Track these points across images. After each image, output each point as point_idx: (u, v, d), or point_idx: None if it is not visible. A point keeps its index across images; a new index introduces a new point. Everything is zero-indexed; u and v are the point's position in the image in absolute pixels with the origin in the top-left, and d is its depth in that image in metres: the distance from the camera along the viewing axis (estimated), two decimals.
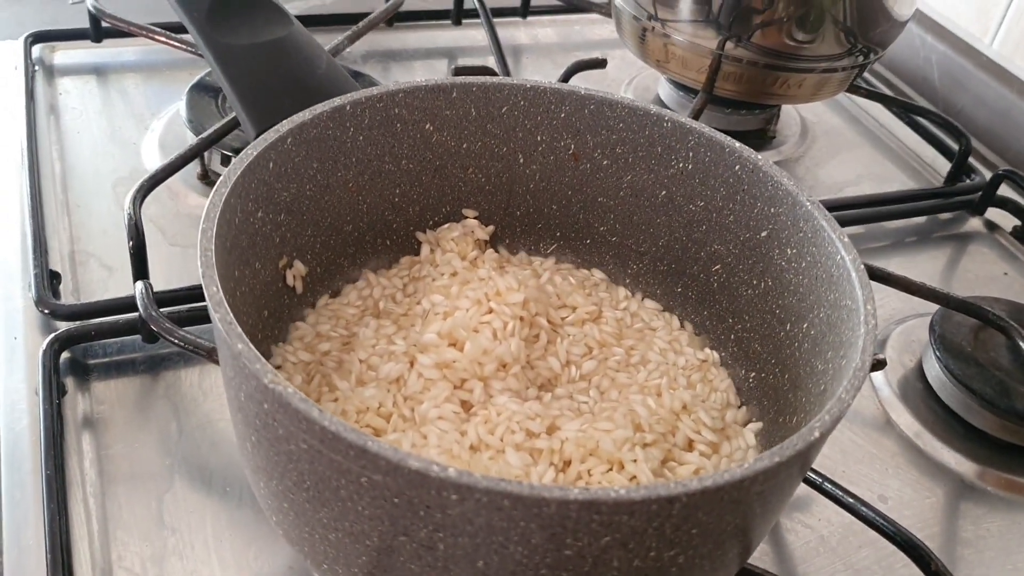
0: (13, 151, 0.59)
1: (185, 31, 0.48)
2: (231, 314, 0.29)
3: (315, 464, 0.28)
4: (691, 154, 0.42)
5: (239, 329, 0.28)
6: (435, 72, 0.76)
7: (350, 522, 0.28)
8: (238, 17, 0.41)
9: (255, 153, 0.35)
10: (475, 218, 0.46)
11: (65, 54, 0.69)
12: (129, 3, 0.71)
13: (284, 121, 0.37)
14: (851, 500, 0.44)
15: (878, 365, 0.47)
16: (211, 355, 0.42)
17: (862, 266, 0.35)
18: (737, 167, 0.40)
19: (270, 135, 0.36)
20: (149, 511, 0.42)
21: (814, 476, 0.45)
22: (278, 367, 0.39)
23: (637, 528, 0.27)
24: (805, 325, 0.38)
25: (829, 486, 0.45)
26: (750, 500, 0.28)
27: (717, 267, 0.43)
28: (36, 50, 0.68)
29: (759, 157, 0.40)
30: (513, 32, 0.81)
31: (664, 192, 0.43)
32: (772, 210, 0.39)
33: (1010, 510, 0.49)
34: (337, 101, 0.39)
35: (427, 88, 0.41)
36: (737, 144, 0.40)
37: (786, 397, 0.38)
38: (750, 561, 0.39)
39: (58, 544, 0.39)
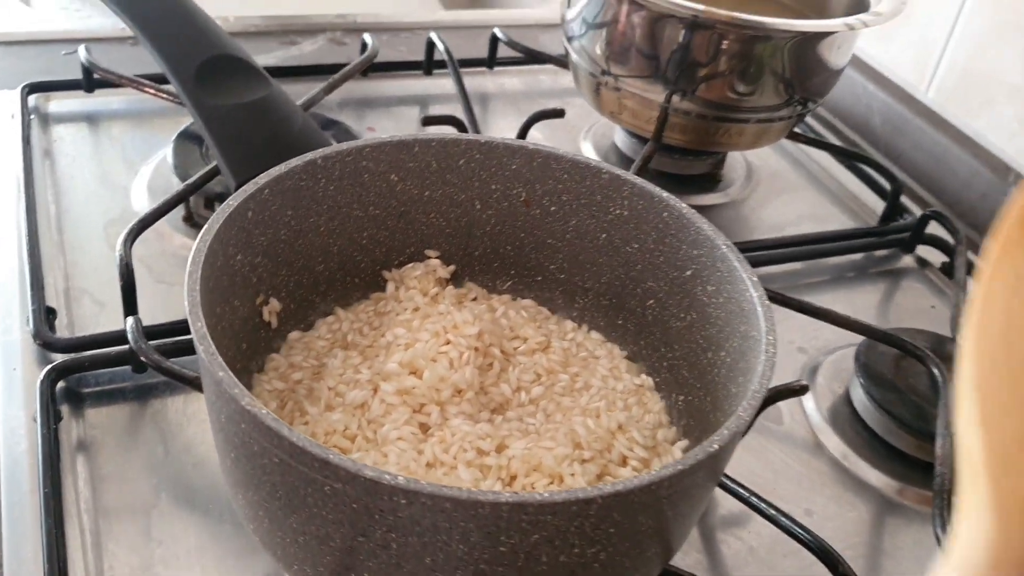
0: (11, 194, 0.63)
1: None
2: (213, 346, 0.33)
3: (285, 476, 0.32)
4: (626, 202, 0.47)
5: (220, 359, 0.33)
6: (407, 119, 0.81)
7: (316, 526, 0.33)
8: (222, 80, 0.46)
9: (236, 203, 0.40)
10: (437, 258, 0.51)
11: (59, 103, 0.74)
12: (119, 56, 0.76)
13: (262, 174, 0.42)
14: (775, 513, 0.49)
15: (802, 390, 0.52)
16: (194, 384, 0.47)
17: (767, 301, 0.40)
18: (665, 213, 0.45)
19: (249, 187, 0.41)
20: (138, 526, 0.46)
21: (745, 493, 0.50)
22: (256, 394, 0.44)
23: (561, 527, 0.31)
24: (723, 353, 0.43)
25: (756, 501, 0.49)
26: (660, 503, 0.33)
27: (651, 302, 0.48)
28: (32, 99, 0.73)
29: (683, 205, 0.45)
30: (481, 81, 0.87)
31: (604, 235, 0.48)
32: (695, 252, 0.44)
33: (925, 523, 0.53)
34: (310, 156, 0.44)
35: (392, 143, 0.46)
36: (665, 193, 0.46)
37: (708, 418, 0.43)
38: (685, 568, 0.44)
39: (55, 556, 0.43)
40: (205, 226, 0.39)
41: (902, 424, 0.56)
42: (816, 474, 0.56)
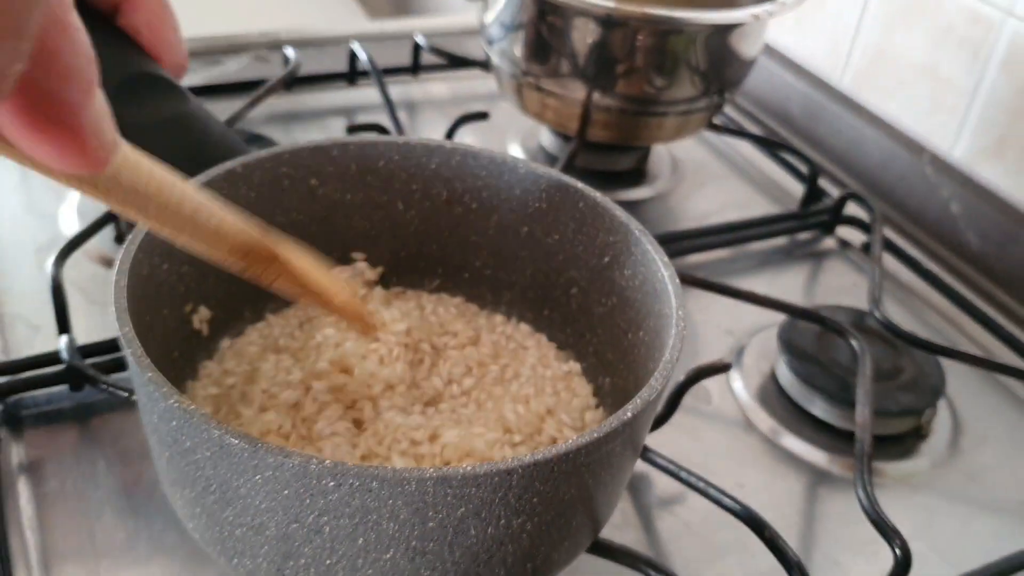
0: None
1: None
2: (141, 348, 0.34)
3: (217, 468, 0.33)
4: (544, 195, 0.48)
5: (149, 360, 0.34)
6: (333, 130, 0.82)
7: (251, 516, 0.34)
8: (143, 98, 0.47)
9: None
10: (363, 261, 0.52)
11: None
12: None
13: None
14: (707, 487, 0.50)
15: (725, 368, 0.54)
16: (131, 395, 0.48)
17: (677, 280, 0.41)
18: (581, 203, 0.47)
19: None
20: (82, 539, 0.47)
21: (677, 470, 0.51)
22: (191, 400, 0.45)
23: (485, 499, 0.33)
24: (641, 333, 0.44)
25: (689, 477, 0.51)
26: (580, 471, 0.34)
27: (574, 290, 0.49)
28: None
29: (598, 194, 0.47)
30: (406, 89, 0.88)
31: (526, 228, 0.50)
32: (611, 238, 0.46)
33: (849, 488, 0.55)
34: (229, 164, 0.45)
35: (309, 148, 0.47)
36: (580, 184, 0.47)
37: (632, 396, 0.45)
38: (621, 542, 0.45)
39: (2, 573, 0.44)
40: (129, 236, 0.39)
41: (825, 395, 0.58)
42: (747, 449, 0.58)
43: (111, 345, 0.55)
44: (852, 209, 0.78)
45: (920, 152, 0.82)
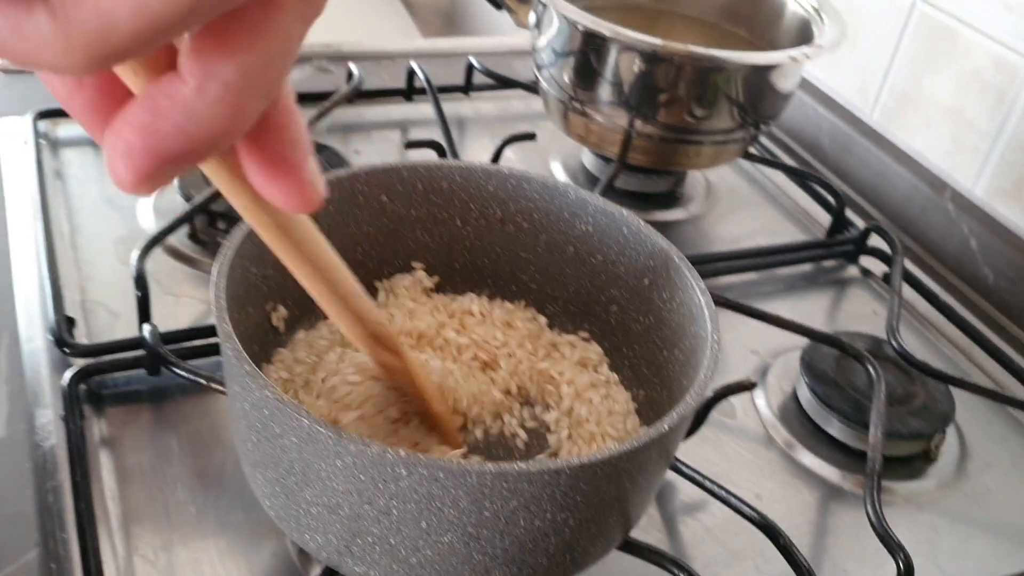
0: (28, 214, 0.69)
1: None
2: (239, 344, 0.39)
3: (302, 453, 0.38)
4: (591, 219, 0.53)
5: (246, 355, 0.39)
6: (390, 142, 0.87)
7: (327, 497, 0.39)
8: None
9: None
10: (423, 269, 0.57)
11: (66, 128, 0.79)
12: None
13: None
14: (728, 495, 0.55)
15: (750, 386, 0.58)
16: (209, 380, 0.53)
17: (713, 306, 0.46)
18: (625, 229, 0.52)
19: None
20: (157, 510, 0.52)
21: (702, 479, 0.56)
22: None
23: (536, 494, 0.37)
24: (676, 351, 0.49)
25: (712, 485, 0.55)
26: (620, 475, 0.39)
27: (614, 307, 0.54)
28: (41, 125, 0.78)
29: (641, 222, 0.51)
30: (457, 106, 0.93)
31: (572, 248, 0.55)
32: (652, 263, 0.50)
33: (859, 504, 0.59)
34: None
35: (383, 169, 0.52)
36: (625, 211, 0.52)
37: (665, 409, 0.49)
38: (649, 542, 0.50)
39: (87, 536, 0.49)
40: (225, 242, 0.44)
41: (841, 416, 0.62)
42: (766, 463, 0.62)
43: (187, 333, 0.60)
44: (875, 240, 0.82)
45: (943, 189, 0.86)
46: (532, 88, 0.88)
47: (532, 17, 0.80)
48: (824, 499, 0.61)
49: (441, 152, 0.79)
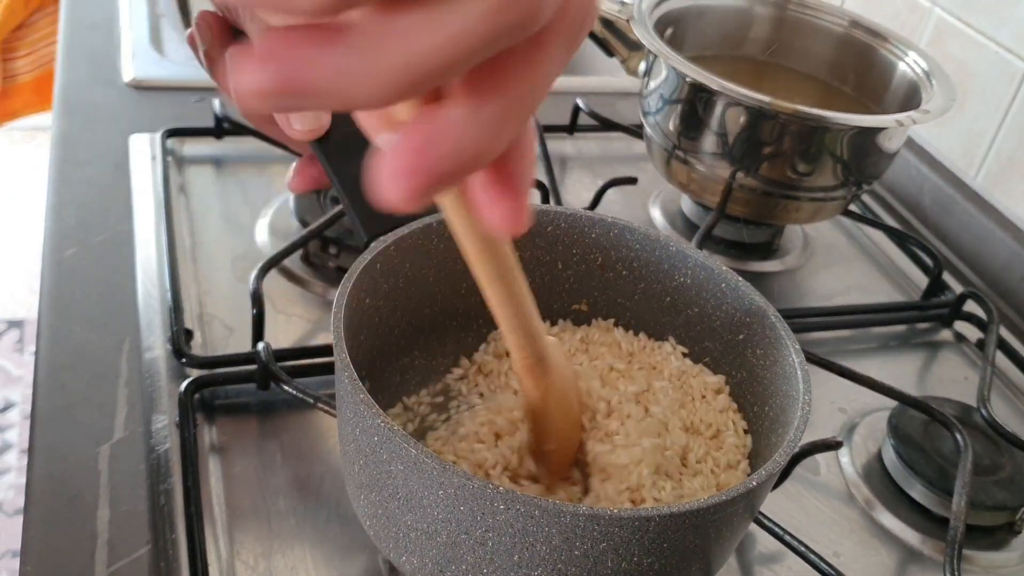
0: (153, 228, 0.73)
1: None
2: (355, 373, 0.42)
3: (407, 480, 0.40)
4: (689, 272, 0.55)
5: (361, 384, 0.41)
6: None
7: (427, 523, 0.41)
8: (357, 150, 0.55)
9: (369, 257, 0.49)
10: None
11: (192, 146, 0.84)
12: None
13: (389, 234, 0.51)
14: (806, 551, 0.56)
15: (836, 445, 0.59)
16: (316, 400, 0.56)
17: (806, 367, 0.47)
18: (723, 284, 0.53)
19: (379, 244, 0.50)
20: (260, 518, 0.55)
21: (781, 532, 0.57)
22: None
23: (625, 538, 0.39)
24: (767, 408, 0.50)
25: (791, 540, 0.57)
26: (706, 526, 0.41)
27: (707, 359, 0.55)
28: (169, 143, 0.83)
29: (740, 278, 0.53)
30: (561, 145, 0.95)
31: (668, 299, 0.56)
32: (748, 319, 0.52)
33: (938, 570, 0.60)
34: (428, 219, 0.52)
35: None
36: (724, 267, 0.53)
37: (753, 464, 0.51)
38: None
39: (195, 538, 0.52)
40: (347, 274, 0.47)
41: (925, 482, 0.63)
42: (846, 521, 0.63)
43: (295, 352, 0.63)
44: (971, 306, 0.82)
45: None
46: (635, 132, 0.90)
47: (642, 66, 0.82)
48: (903, 562, 0.61)
49: (544, 191, 0.81)
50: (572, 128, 0.96)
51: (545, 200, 0.81)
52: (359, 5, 0.22)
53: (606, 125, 0.93)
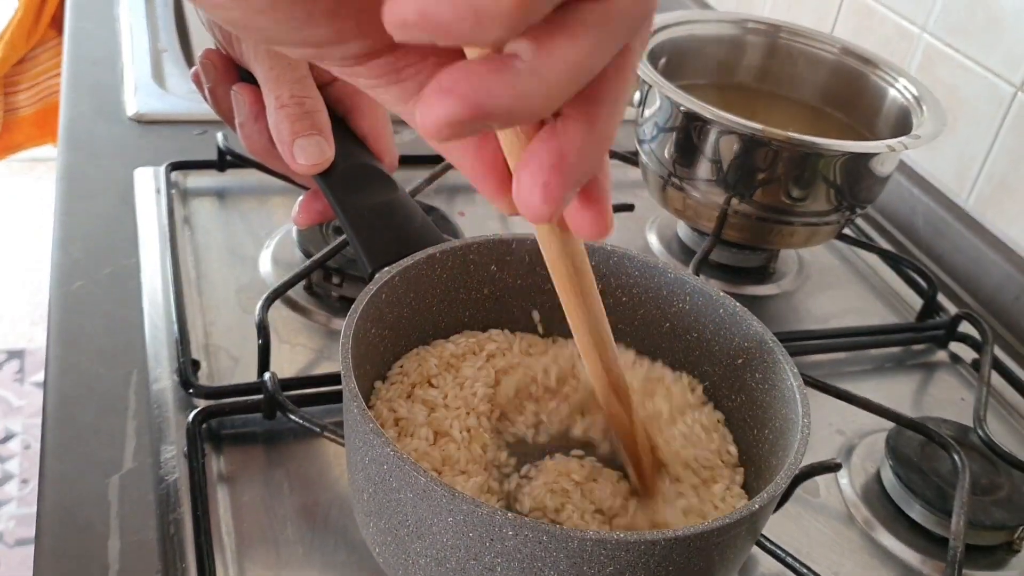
0: (158, 260, 0.74)
1: None
2: (364, 403, 0.43)
3: (416, 507, 0.41)
4: (688, 298, 0.56)
5: (370, 415, 0.42)
6: (491, 206, 0.90)
7: (436, 550, 0.42)
8: (362, 183, 0.56)
9: (375, 288, 0.50)
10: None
11: (195, 179, 0.85)
12: None
13: (394, 265, 0.52)
14: (808, 573, 0.57)
15: (835, 467, 0.60)
16: (323, 429, 0.56)
17: (805, 391, 0.48)
18: (721, 310, 0.54)
19: (384, 275, 0.51)
20: (268, 546, 0.55)
21: (782, 553, 0.58)
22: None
23: (631, 561, 0.40)
24: (766, 431, 0.51)
25: (792, 561, 0.57)
26: (710, 549, 0.41)
27: (706, 383, 0.56)
28: (173, 176, 0.84)
29: (737, 304, 0.54)
30: None
31: (668, 324, 0.57)
32: (746, 344, 0.53)
33: None
34: (431, 250, 0.53)
35: (494, 241, 0.56)
36: (722, 293, 0.54)
37: (752, 486, 0.52)
38: None
39: (205, 567, 0.52)
40: (353, 305, 0.48)
41: (924, 502, 0.64)
42: (846, 542, 0.63)
43: (300, 381, 0.64)
44: (966, 327, 0.83)
45: None
46: (632, 160, 0.92)
47: (636, 95, 0.84)
48: None
49: None
50: None
51: None
52: (519, 33, 0.25)
53: None
